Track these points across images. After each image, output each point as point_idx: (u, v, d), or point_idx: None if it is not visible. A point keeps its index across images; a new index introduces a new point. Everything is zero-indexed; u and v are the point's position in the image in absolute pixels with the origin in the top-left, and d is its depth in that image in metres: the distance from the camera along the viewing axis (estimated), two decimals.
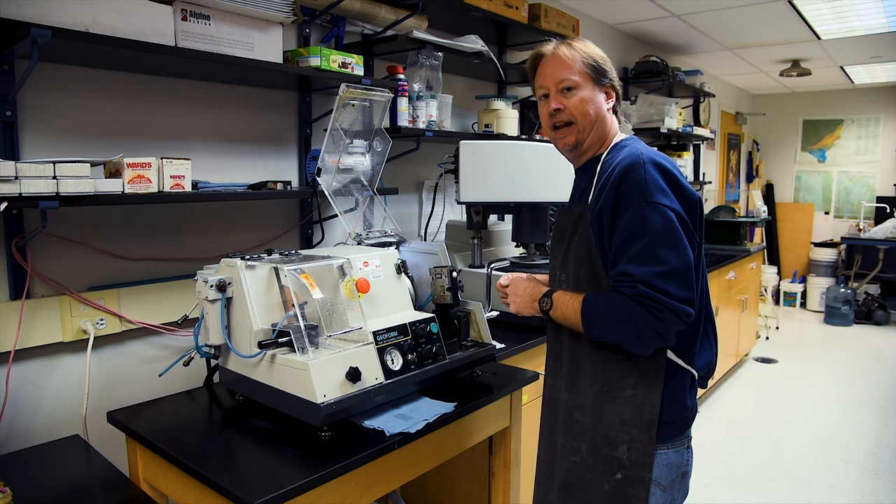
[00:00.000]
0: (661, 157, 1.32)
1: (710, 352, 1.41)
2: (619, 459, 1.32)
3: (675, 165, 1.33)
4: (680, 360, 1.33)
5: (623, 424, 1.31)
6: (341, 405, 1.34)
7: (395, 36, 2.28)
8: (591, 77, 1.38)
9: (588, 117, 1.39)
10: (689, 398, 1.36)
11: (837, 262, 7.13)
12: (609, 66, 1.41)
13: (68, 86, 1.65)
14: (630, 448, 1.31)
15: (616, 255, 1.27)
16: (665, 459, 1.33)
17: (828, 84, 6.97)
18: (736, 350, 4.82)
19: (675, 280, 1.22)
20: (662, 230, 1.23)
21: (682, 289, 1.22)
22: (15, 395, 1.58)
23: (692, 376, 1.36)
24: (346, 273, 1.51)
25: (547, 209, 2.35)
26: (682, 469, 1.37)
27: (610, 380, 1.34)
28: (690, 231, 1.29)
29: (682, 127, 4.66)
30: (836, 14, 4.00)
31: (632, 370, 1.31)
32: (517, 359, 2.06)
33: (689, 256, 1.24)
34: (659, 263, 1.22)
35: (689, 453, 1.40)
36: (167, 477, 1.42)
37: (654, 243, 1.23)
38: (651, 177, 1.26)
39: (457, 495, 2.02)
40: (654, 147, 1.42)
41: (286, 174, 2.22)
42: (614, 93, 1.43)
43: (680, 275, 1.22)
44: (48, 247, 1.63)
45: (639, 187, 1.25)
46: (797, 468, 3.33)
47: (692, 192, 1.31)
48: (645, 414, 1.30)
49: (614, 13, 4.05)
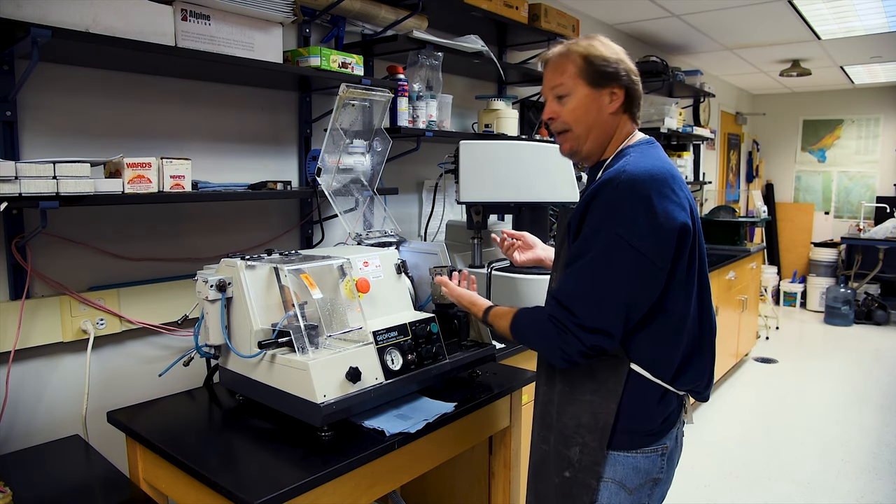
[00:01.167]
0: (650, 176, 1.22)
1: (699, 370, 1.34)
2: (570, 459, 1.32)
3: (669, 182, 1.23)
4: (647, 372, 1.28)
5: (579, 427, 1.31)
6: (341, 405, 1.34)
7: (395, 36, 2.28)
8: (586, 81, 1.31)
9: (582, 124, 1.32)
10: (656, 411, 1.30)
11: (837, 262, 7.13)
12: (616, 66, 1.31)
13: (68, 86, 1.65)
14: (581, 451, 1.30)
15: (562, 269, 1.28)
16: (632, 463, 1.30)
17: (828, 84, 6.97)
18: (736, 350, 4.82)
19: (590, 306, 1.19)
20: (604, 258, 1.19)
21: (593, 316, 1.19)
22: (15, 395, 1.58)
23: (664, 390, 1.31)
24: (346, 273, 1.51)
25: (547, 209, 2.35)
26: (654, 476, 1.33)
27: (573, 382, 1.33)
28: (653, 264, 1.20)
29: (682, 127, 4.66)
30: (836, 14, 3.99)
31: (592, 377, 1.30)
32: (517, 359, 2.06)
33: (621, 292, 1.19)
34: (580, 286, 1.21)
35: (664, 461, 1.33)
36: (167, 477, 1.42)
37: (589, 266, 1.20)
38: (620, 202, 1.19)
39: (457, 495, 2.02)
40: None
41: (286, 174, 2.22)
42: (623, 92, 1.32)
43: (599, 303, 1.19)
44: (48, 247, 1.63)
45: (604, 210, 1.21)
46: (797, 468, 3.33)
47: (673, 217, 1.21)
48: (600, 421, 1.28)
49: (614, 13, 4.05)
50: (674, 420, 1.35)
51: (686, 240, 1.25)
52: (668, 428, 1.34)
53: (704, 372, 1.37)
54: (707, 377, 1.38)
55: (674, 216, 1.21)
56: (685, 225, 1.23)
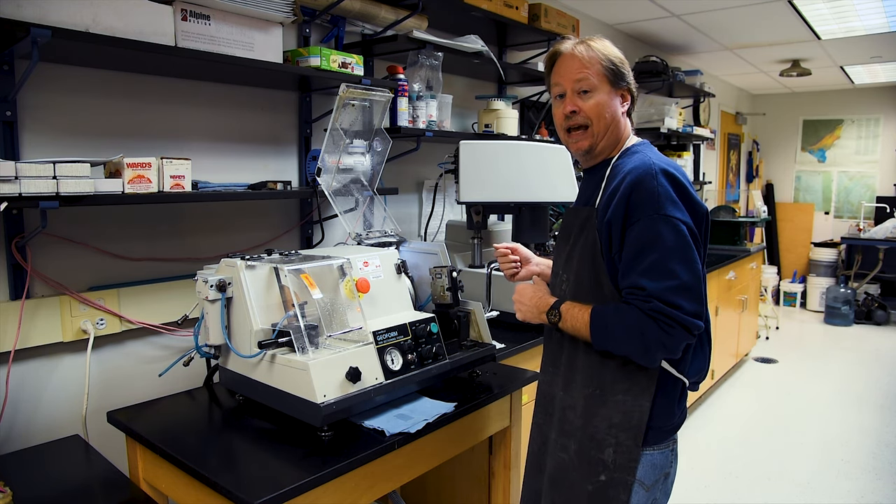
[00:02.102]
0: (672, 167, 1.30)
1: (702, 360, 1.39)
2: (604, 462, 1.32)
3: (684, 175, 1.31)
4: (672, 368, 1.32)
5: (611, 428, 1.32)
6: (341, 405, 1.34)
7: (395, 36, 2.28)
8: (608, 79, 1.35)
9: (603, 121, 1.36)
10: (677, 406, 1.36)
11: (837, 262, 7.13)
12: (626, 69, 1.37)
13: (68, 86, 1.65)
14: (616, 451, 1.31)
15: (627, 266, 1.26)
16: (650, 460, 1.33)
17: (828, 84, 6.97)
18: (736, 350, 4.82)
19: (688, 295, 1.22)
20: (674, 244, 1.22)
21: (694, 303, 1.22)
22: (15, 395, 1.58)
23: (682, 384, 1.36)
24: (346, 273, 1.51)
25: (547, 209, 2.35)
26: (665, 470, 1.37)
27: (602, 384, 1.34)
28: (699, 243, 1.28)
29: (682, 127, 4.66)
30: (836, 14, 4.00)
31: (625, 376, 1.31)
32: (517, 359, 2.06)
33: (699, 270, 1.25)
34: (672, 278, 1.21)
35: (674, 456, 1.39)
36: (167, 477, 1.42)
37: (667, 257, 1.22)
38: (663, 188, 1.25)
39: (457, 495, 2.02)
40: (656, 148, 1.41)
41: (286, 174, 2.22)
42: (630, 95, 1.40)
43: (692, 290, 1.22)
44: (48, 247, 1.63)
45: (650, 199, 1.24)
46: (797, 468, 3.33)
47: (701, 204, 1.30)
48: (634, 419, 1.30)
49: (614, 13, 4.05)
50: (685, 414, 1.41)
51: (707, 228, 1.33)
52: (681, 422, 1.39)
53: (706, 363, 1.40)
54: (706, 369, 1.42)
55: (701, 202, 1.31)
56: (707, 212, 1.32)
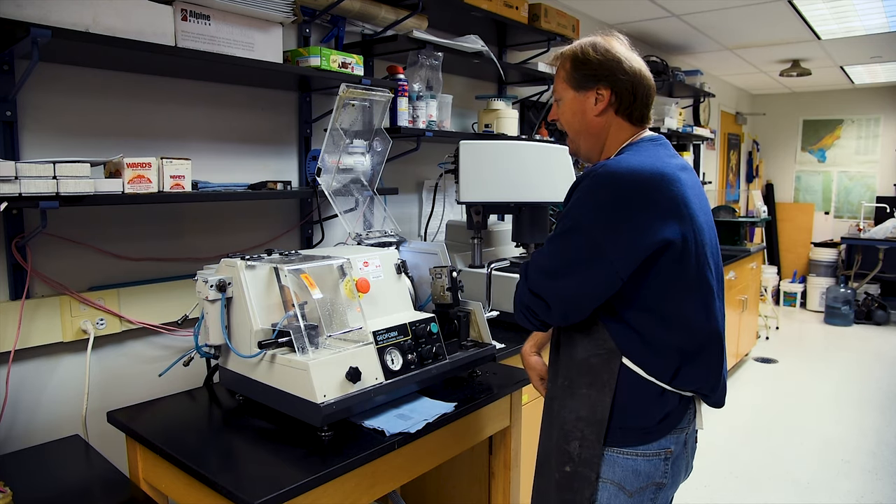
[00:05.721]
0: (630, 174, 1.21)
1: (701, 375, 1.31)
2: (570, 453, 1.33)
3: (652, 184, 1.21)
4: (640, 369, 1.27)
5: (578, 420, 1.32)
6: (341, 405, 1.34)
7: (395, 36, 2.28)
8: (571, 85, 1.34)
9: (573, 127, 1.37)
10: (656, 408, 1.28)
11: (837, 262, 7.13)
12: (602, 66, 1.29)
13: (68, 86, 1.65)
14: (581, 445, 1.31)
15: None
16: (631, 465, 1.29)
17: (828, 84, 6.97)
18: (736, 350, 4.82)
19: (538, 274, 1.29)
20: (561, 237, 1.27)
21: (539, 283, 1.28)
22: (15, 395, 1.58)
23: (661, 389, 1.29)
24: (346, 273, 1.51)
25: (547, 209, 2.35)
26: (656, 480, 1.30)
27: (571, 376, 1.35)
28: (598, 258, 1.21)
29: (682, 127, 4.66)
30: (836, 14, 3.99)
31: (587, 370, 1.32)
32: (517, 359, 2.05)
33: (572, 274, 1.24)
34: (538, 256, 1.31)
35: (667, 466, 1.31)
36: (167, 477, 1.42)
37: (549, 242, 1.29)
38: (591, 192, 1.24)
39: (457, 495, 2.02)
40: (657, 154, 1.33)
41: (286, 174, 2.22)
42: (609, 92, 1.30)
43: (547, 273, 1.27)
44: (48, 247, 1.63)
45: (576, 197, 1.26)
46: (797, 468, 3.33)
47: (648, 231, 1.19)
48: (597, 414, 1.30)
49: (614, 13, 4.05)
50: (675, 422, 1.31)
51: (669, 251, 1.22)
52: (667, 429, 1.30)
53: (708, 375, 1.32)
54: (713, 380, 1.33)
55: (648, 229, 1.19)
56: (663, 241, 1.20)
